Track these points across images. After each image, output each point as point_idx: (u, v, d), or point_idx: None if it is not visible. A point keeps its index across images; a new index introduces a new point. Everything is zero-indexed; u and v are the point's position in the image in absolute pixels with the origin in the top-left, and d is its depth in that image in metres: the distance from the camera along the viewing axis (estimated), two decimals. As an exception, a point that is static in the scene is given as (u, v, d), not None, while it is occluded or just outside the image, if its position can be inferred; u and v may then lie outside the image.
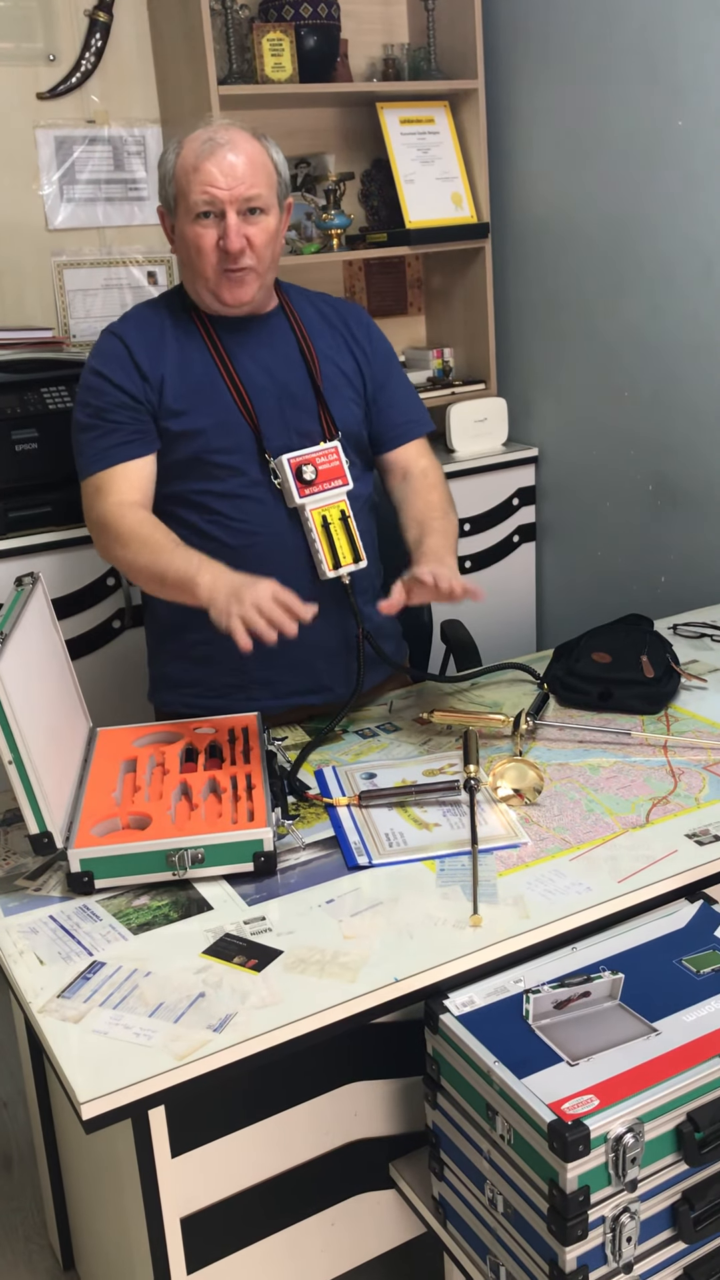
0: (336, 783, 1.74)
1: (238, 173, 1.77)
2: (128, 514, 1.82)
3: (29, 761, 1.45)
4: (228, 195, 1.77)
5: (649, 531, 2.91)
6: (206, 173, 1.77)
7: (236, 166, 1.77)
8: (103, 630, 2.65)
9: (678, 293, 2.68)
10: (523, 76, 2.98)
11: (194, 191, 1.78)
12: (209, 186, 1.77)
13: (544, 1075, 1.22)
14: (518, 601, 3.32)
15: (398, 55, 3.12)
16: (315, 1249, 1.52)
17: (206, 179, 1.77)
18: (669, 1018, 1.29)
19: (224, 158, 1.77)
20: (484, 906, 1.43)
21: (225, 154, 1.78)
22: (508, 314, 3.22)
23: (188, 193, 1.79)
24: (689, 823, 1.59)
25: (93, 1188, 1.64)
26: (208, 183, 1.77)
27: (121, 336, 1.88)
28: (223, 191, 1.77)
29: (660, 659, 1.97)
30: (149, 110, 2.95)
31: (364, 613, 1.93)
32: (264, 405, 1.88)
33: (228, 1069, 1.22)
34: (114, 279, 2.99)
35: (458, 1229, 1.39)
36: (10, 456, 2.47)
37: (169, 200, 1.85)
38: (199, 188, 1.78)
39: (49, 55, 2.82)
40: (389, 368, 2.04)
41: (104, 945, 1.40)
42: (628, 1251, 1.22)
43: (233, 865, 1.50)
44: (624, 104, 2.70)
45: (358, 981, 1.30)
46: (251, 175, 1.78)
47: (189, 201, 1.79)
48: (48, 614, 1.77)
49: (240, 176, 1.77)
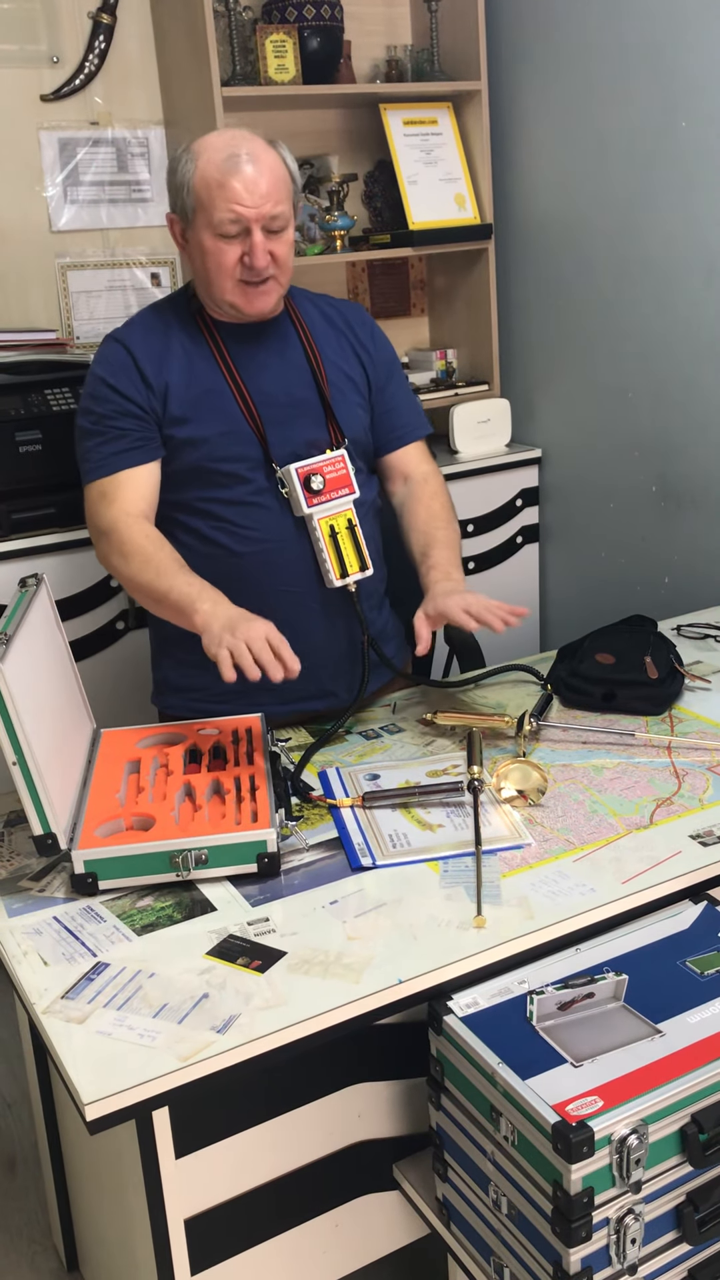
0: (340, 784, 1.74)
1: (261, 189, 1.75)
2: (133, 527, 1.81)
3: (33, 763, 1.45)
4: (254, 214, 1.76)
5: (652, 532, 2.91)
6: (232, 190, 1.75)
7: (260, 183, 1.75)
8: (106, 631, 2.65)
9: (681, 294, 2.68)
10: (526, 78, 2.98)
11: (218, 209, 1.76)
12: (235, 205, 1.75)
13: (548, 1077, 1.22)
14: (521, 602, 3.29)
15: (401, 57, 3.13)
16: (319, 1250, 1.52)
17: (232, 197, 1.75)
18: (673, 1019, 1.29)
19: (246, 174, 1.75)
20: (488, 908, 1.43)
21: (248, 170, 1.75)
22: (511, 315, 3.22)
23: (210, 209, 1.76)
24: (693, 824, 1.59)
25: (97, 1189, 1.65)
26: (234, 200, 1.75)
27: (125, 343, 1.87)
28: (249, 210, 1.75)
29: (664, 660, 1.97)
30: (152, 112, 2.96)
31: (368, 618, 1.93)
32: (271, 414, 1.87)
33: (232, 1070, 1.22)
34: (118, 280, 3.00)
35: (462, 1231, 1.39)
36: (14, 458, 2.47)
37: (186, 210, 1.81)
38: (224, 206, 1.75)
39: (53, 57, 2.82)
40: (390, 370, 2.04)
41: (108, 946, 1.40)
42: (632, 1253, 1.22)
43: (236, 866, 1.50)
44: (627, 105, 2.70)
45: (361, 983, 1.30)
46: (275, 192, 1.77)
47: (212, 218, 1.77)
48: (51, 615, 1.77)
49: (265, 194, 1.75)
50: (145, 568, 1.78)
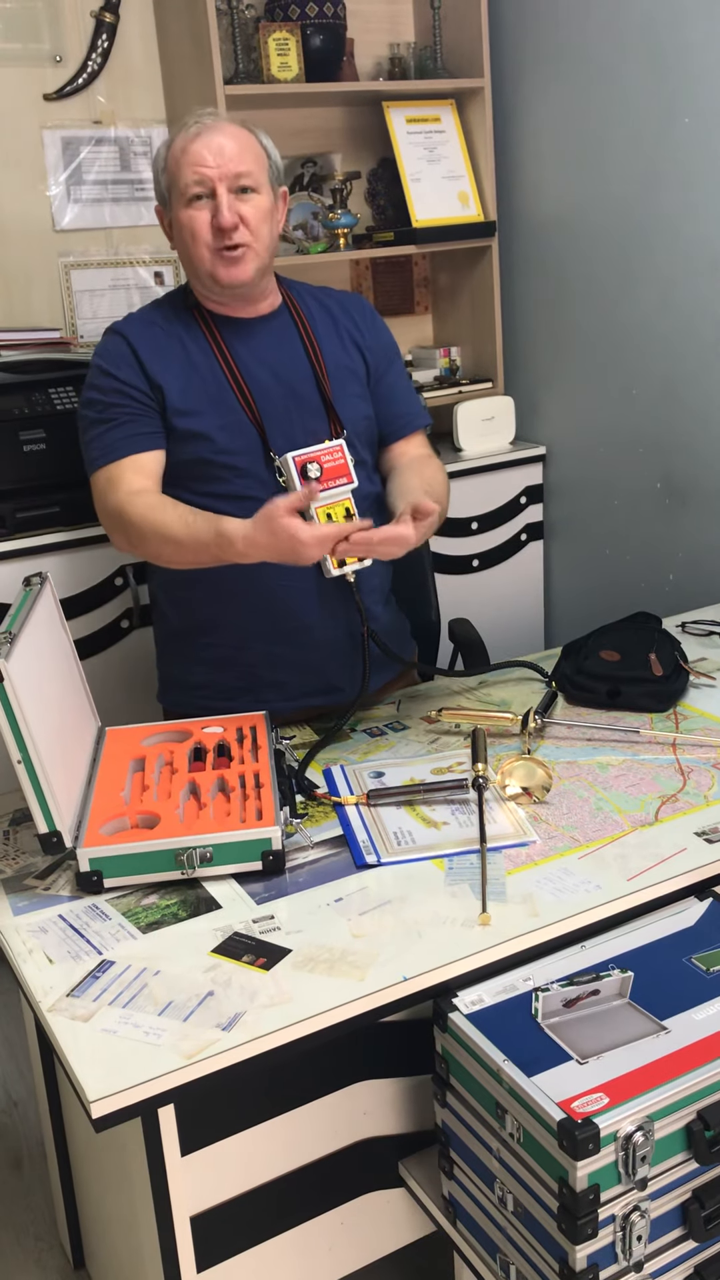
0: (345, 781, 1.74)
1: (226, 152, 1.79)
2: (137, 501, 1.80)
3: (38, 761, 1.45)
4: (217, 173, 1.79)
5: (657, 529, 2.91)
6: (195, 154, 1.79)
7: (225, 147, 1.80)
8: (111, 630, 2.66)
9: (685, 290, 2.68)
10: (529, 74, 2.98)
11: (184, 174, 1.80)
12: (198, 166, 1.79)
13: (553, 1074, 1.22)
14: (526, 600, 3.32)
15: (404, 54, 3.12)
16: (324, 1248, 1.52)
17: (195, 160, 1.79)
18: (678, 1016, 1.29)
19: (211, 139, 1.80)
20: (493, 905, 1.43)
21: (212, 136, 1.80)
22: (515, 312, 3.21)
23: (178, 177, 1.81)
24: (698, 820, 1.59)
25: (103, 1186, 1.65)
26: (196, 163, 1.79)
27: (125, 335, 1.88)
28: (211, 170, 1.79)
29: (669, 657, 1.97)
30: (155, 110, 2.96)
31: (370, 611, 1.93)
32: (269, 406, 1.88)
33: (237, 1068, 1.22)
34: (121, 279, 3.00)
35: (467, 1228, 1.39)
36: (18, 457, 2.47)
37: (164, 194, 1.86)
38: (189, 170, 1.79)
39: (55, 56, 2.82)
40: (390, 358, 2.04)
41: (113, 944, 1.40)
42: (638, 1250, 1.22)
43: (241, 864, 1.50)
44: (631, 101, 2.70)
45: (366, 980, 1.30)
46: (239, 154, 1.80)
47: (180, 186, 1.81)
48: (56, 614, 1.77)
49: (229, 155, 1.79)
50: (156, 537, 1.77)
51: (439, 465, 2.04)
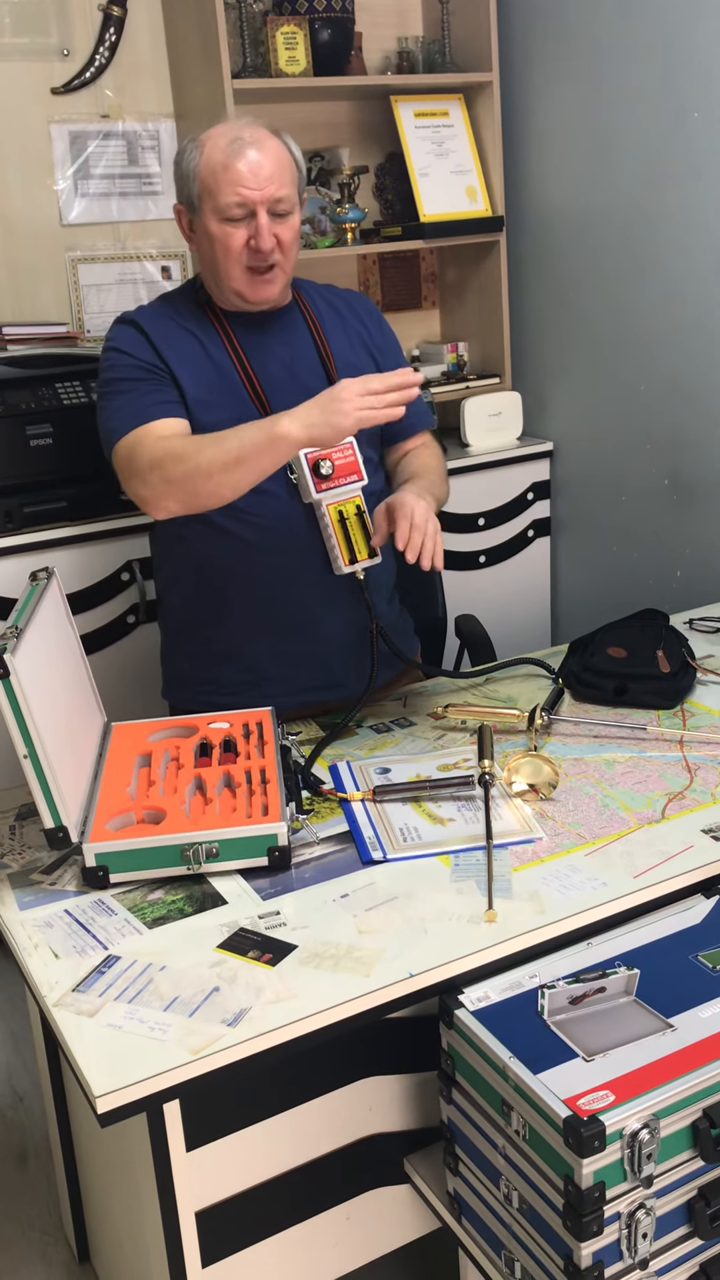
0: (351, 777, 1.74)
1: (266, 172, 1.77)
2: (172, 442, 1.74)
3: (44, 756, 1.45)
4: (259, 196, 1.77)
5: (665, 526, 2.90)
6: (236, 173, 1.76)
7: (264, 166, 1.77)
8: (118, 625, 2.66)
9: (694, 285, 2.67)
10: (538, 69, 2.97)
11: (224, 193, 1.77)
12: (240, 187, 1.76)
13: (559, 1071, 1.22)
14: (532, 596, 3.32)
15: (412, 48, 3.11)
16: (330, 1243, 1.52)
17: (237, 179, 1.76)
18: (685, 1013, 1.29)
19: (252, 157, 1.77)
20: (499, 902, 1.42)
21: (252, 153, 1.77)
22: (522, 307, 3.21)
23: (216, 193, 1.78)
24: (705, 818, 1.59)
25: (108, 1181, 1.65)
26: (238, 183, 1.76)
27: (138, 322, 1.88)
28: (254, 192, 1.77)
29: (676, 654, 1.97)
30: (163, 104, 2.95)
31: (377, 609, 1.93)
32: (280, 402, 1.87)
33: (242, 1063, 1.22)
34: (128, 274, 2.99)
35: (473, 1224, 1.39)
36: (25, 452, 2.47)
37: (191, 199, 1.83)
38: (230, 189, 1.77)
39: (63, 50, 2.82)
40: (398, 361, 2.05)
41: (119, 939, 1.40)
42: (643, 1247, 1.21)
43: (247, 859, 1.50)
44: (639, 96, 2.69)
45: (372, 976, 1.30)
46: (279, 175, 1.78)
47: (218, 202, 1.78)
48: (63, 609, 1.77)
49: (269, 176, 1.77)
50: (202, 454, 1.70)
51: (435, 451, 2.08)
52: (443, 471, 2.04)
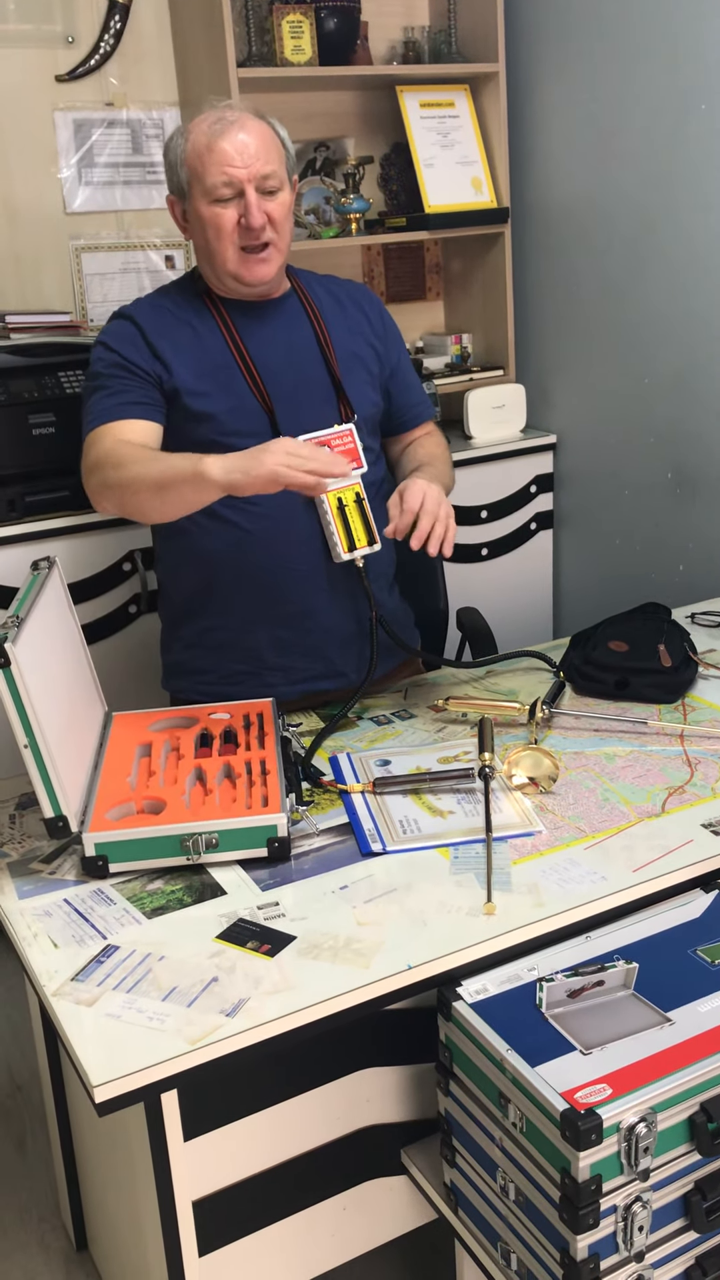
0: (351, 769, 1.74)
1: (251, 150, 1.78)
2: (122, 447, 1.75)
3: (44, 745, 1.45)
4: (246, 173, 1.77)
5: (668, 519, 2.90)
6: (222, 152, 1.77)
7: (249, 145, 1.78)
8: (119, 615, 2.66)
9: (699, 278, 2.66)
10: (544, 59, 2.96)
11: (211, 173, 1.78)
12: (227, 166, 1.77)
13: (557, 1064, 1.22)
14: (535, 589, 3.31)
15: (418, 38, 3.10)
16: (326, 1234, 1.52)
17: (223, 159, 1.77)
18: (683, 1008, 1.29)
19: (236, 136, 1.77)
20: (498, 894, 1.42)
21: (237, 133, 1.78)
22: (527, 300, 3.20)
23: (203, 174, 1.79)
24: (705, 812, 1.59)
25: (105, 1170, 1.65)
26: (225, 162, 1.77)
27: (133, 317, 1.88)
28: (240, 170, 1.77)
29: (678, 648, 1.96)
30: (168, 93, 2.94)
31: (377, 598, 1.93)
32: (279, 389, 1.87)
33: (240, 1054, 1.22)
34: (132, 263, 2.99)
35: (469, 1216, 1.39)
36: (28, 441, 2.47)
37: (181, 185, 1.84)
38: (216, 169, 1.77)
39: (68, 37, 2.81)
40: (400, 353, 2.06)
41: (118, 929, 1.40)
42: (639, 1240, 1.22)
43: (247, 850, 1.50)
44: (647, 87, 2.68)
45: (371, 968, 1.30)
46: (265, 153, 1.79)
47: (206, 184, 1.79)
48: (64, 598, 1.77)
49: (255, 154, 1.78)
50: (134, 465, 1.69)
51: (440, 439, 2.09)
52: (448, 460, 2.05)
